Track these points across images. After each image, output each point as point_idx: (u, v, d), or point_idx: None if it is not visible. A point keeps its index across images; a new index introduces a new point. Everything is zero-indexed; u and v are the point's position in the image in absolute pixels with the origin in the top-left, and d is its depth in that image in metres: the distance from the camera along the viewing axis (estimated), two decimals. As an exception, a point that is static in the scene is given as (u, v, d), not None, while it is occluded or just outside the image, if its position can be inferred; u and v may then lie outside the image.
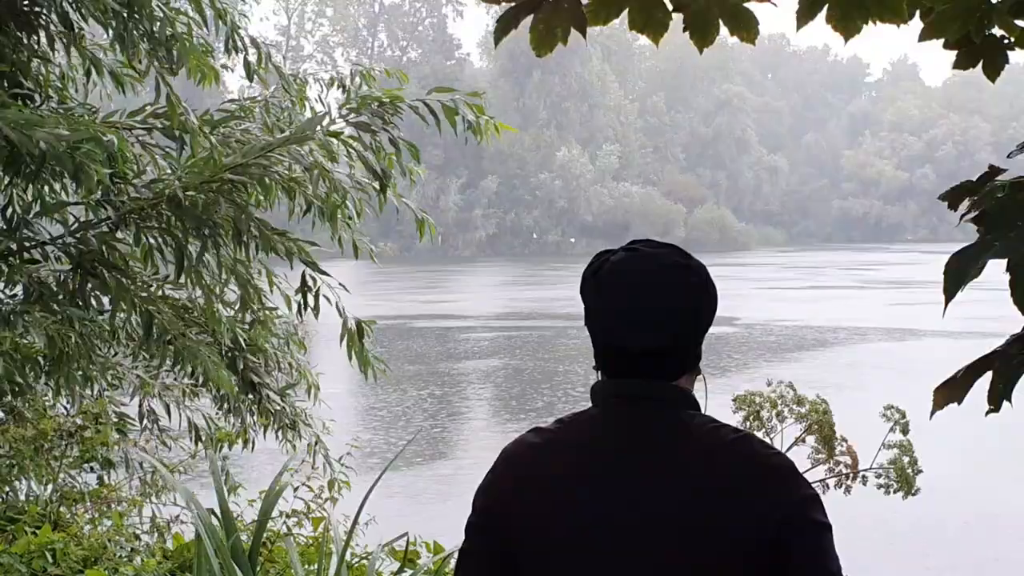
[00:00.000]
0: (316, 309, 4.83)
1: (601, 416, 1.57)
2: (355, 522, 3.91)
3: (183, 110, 4.55)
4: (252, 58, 5.19)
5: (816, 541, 1.46)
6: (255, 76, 5.25)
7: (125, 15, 4.33)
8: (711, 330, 1.61)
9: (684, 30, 2.18)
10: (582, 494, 1.51)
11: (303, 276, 4.78)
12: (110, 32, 4.59)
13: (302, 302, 4.83)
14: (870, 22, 2.12)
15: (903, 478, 6.08)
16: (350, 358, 5.01)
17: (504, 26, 2.17)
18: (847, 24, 2.12)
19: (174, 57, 4.61)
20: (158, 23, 4.42)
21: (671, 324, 1.53)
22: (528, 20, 2.16)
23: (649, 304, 1.53)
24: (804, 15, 2.15)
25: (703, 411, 1.60)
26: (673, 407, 1.55)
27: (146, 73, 4.82)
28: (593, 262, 1.61)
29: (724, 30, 2.20)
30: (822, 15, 2.14)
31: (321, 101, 5.18)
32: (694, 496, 1.47)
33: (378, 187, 4.65)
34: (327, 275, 4.80)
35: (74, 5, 4.53)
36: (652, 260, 1.56)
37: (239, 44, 5.07)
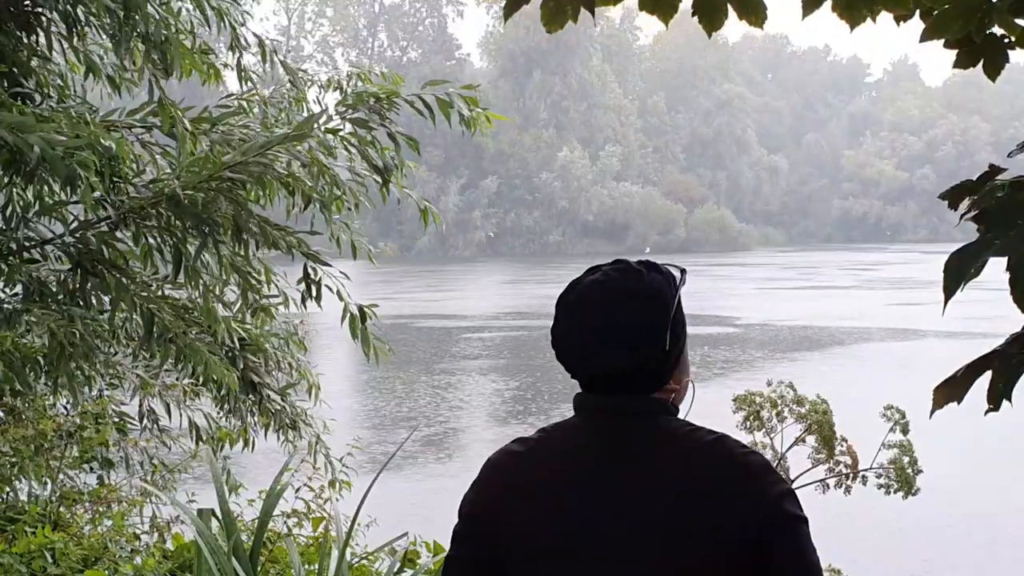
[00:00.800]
0: (319, 298, 4.84)
1: (583, 425, 1.61)
2: (354, 521, 3.91)
3: (174, 114, 4.52)
4: (256, 56, 5.20)
5: (795, 536, 1.50)
6: (254, 75, 5.25)
7: (121, 15, 4.32)
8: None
9: (693, 15, 2.18)
10: (570, 499, 1.54)
11: (305, 268, 4.79)
12: (103, 34, 4.57)
13: (305, 292, 4.84)
14: (874, 13, 2.12)
15: (903, 478, 6.09)
16: (355, 338, 5.02)
17: (515, 1, 2.19)
18: (852, 13, 2.12)
19: (168, 59, 4.60)
20: (153, 24, 4.40)
21: (632, 347, 1.56)
22: (539, -1, 2.19)
23: (610, 329, 1.57)
24: (810, 3, 2.15)
25: (686, 415, 1.64)
26: (651, 416, 1.58)
27: (140, 74, 4.81)
28: (567, 287, 1.65)
29: (731, 21, 2.20)
30: (827, 5, 2.14)
31: (319, 102, 5.18)
32: (676, 500, 1.50)
33: (380, 181, 4.66)
34: (328, 265, 4.81)
35: (73, 5, 4.53)
36: (613, 286, 1.60)
37: (242, 43, 5.08)
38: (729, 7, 2.18)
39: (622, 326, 1.56)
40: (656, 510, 1.49)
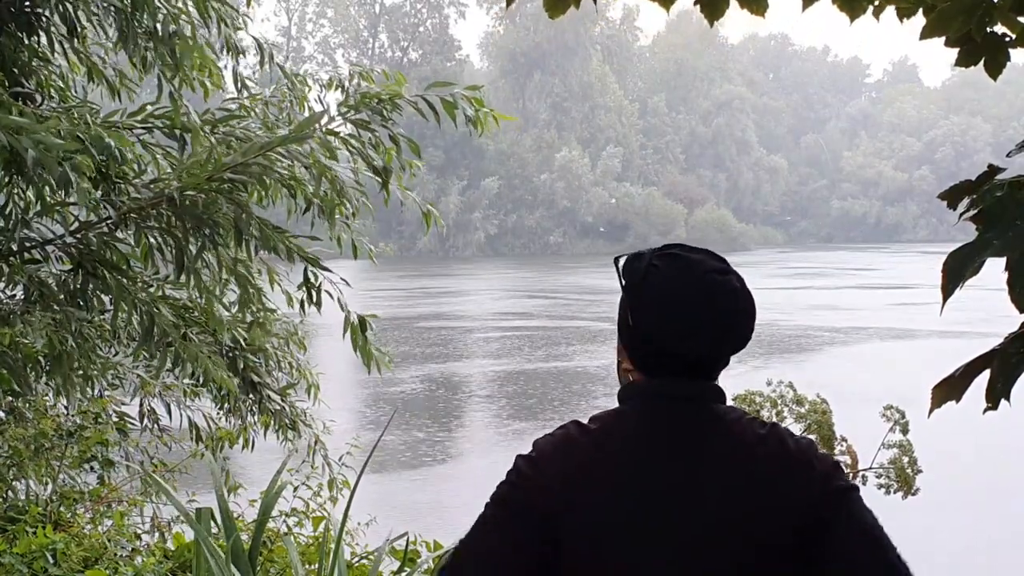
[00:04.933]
0: (319, 304, 4.83)
1: (641, 413, 1.59)
2: (345, 517, 3.89)
3: (186, 109, 4.55)
4: (255, 59, 5.20)
5: (848, 504, 1.52)
6: (250, 81, 5.26)
7: (129, 12, 4.32)
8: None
9: (695, 3, 2.18)
10: (628, 488, 1.52)
11: (305, 272, 4.78)
12: (110, 32, 4.58)
13: (305, 298, 4.83)
14: (875, 6, 2.12)
15: (903, 478, 6.07)
16: (355, 350, 5.01)
17: None
18: (853, 4, 2.12)
19: (177, 56, 4.60)
20: (160, 20, 4.40)
21: (717, 334, 1.57)
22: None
23: (695, 315, 1.56)
24: None
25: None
26: (710, 403, 1.59)
27: (149, 71, 4.80)
28: (634, 268, 1.63)
29: (732, 13, 2.20)
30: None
31: (320, 101, 5.18)
32: (737, 489, 1.51)
33: (380, 183, 4.66)
34: (329, 271, 4.80)
35: (74, 5, 4.53)
36: (695, 268, 1.59)
37: (239, 47, 5.08)
38: (730, -3, 2.19)
39: (705, 317, 1.56)
40: (715, 497, 1.50)
